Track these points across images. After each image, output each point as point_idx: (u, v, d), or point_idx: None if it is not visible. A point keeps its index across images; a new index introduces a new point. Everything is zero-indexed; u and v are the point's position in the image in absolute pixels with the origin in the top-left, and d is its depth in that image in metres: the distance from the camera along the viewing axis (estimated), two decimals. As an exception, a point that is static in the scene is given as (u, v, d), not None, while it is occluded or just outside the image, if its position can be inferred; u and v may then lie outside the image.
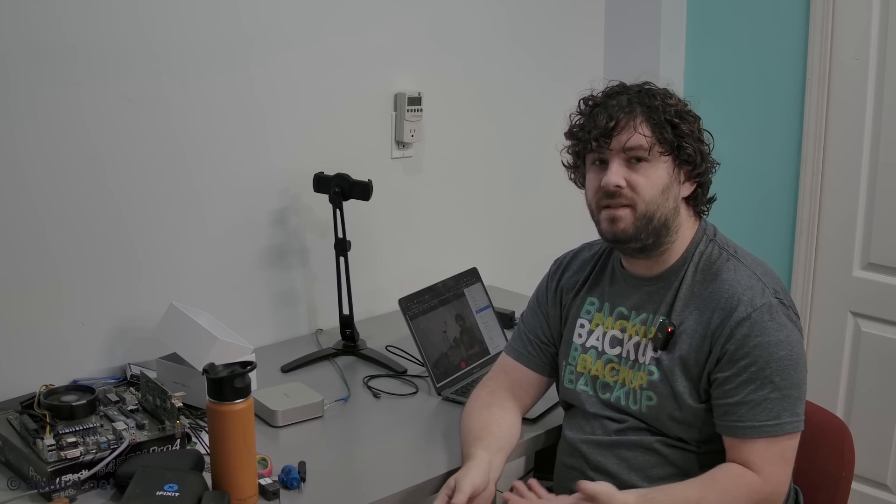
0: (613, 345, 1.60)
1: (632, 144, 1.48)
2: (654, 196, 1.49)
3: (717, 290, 1.48)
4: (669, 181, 1.50)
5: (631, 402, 1.55)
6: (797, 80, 2.56)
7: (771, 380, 1.41)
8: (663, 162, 1.49)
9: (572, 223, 2.94)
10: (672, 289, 1.53)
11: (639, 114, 1.49)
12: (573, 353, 1.65)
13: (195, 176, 2.04)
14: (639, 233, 1.50)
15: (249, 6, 2.06)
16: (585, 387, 1.62)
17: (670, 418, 1.50)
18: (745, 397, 1.42)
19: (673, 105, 1.50)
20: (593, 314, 1.64)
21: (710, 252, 1.54)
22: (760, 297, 1.45)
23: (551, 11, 2.72)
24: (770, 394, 1.41)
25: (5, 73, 1.73)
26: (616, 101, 1.51)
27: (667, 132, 1.48)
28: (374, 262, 2.37)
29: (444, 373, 1.91)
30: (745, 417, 1.42)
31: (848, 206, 2.52)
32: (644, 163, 1.48)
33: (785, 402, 1.42)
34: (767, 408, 1.41)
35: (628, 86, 1.55)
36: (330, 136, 2.26)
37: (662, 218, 1.50)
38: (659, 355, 1.51)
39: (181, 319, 1.80)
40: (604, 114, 1.50)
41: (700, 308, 1.49)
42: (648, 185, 1.48)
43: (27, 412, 1.55)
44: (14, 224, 1.80)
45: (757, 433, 1.42)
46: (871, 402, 2.51)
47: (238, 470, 1.40)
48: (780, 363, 1.42)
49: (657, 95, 1.51)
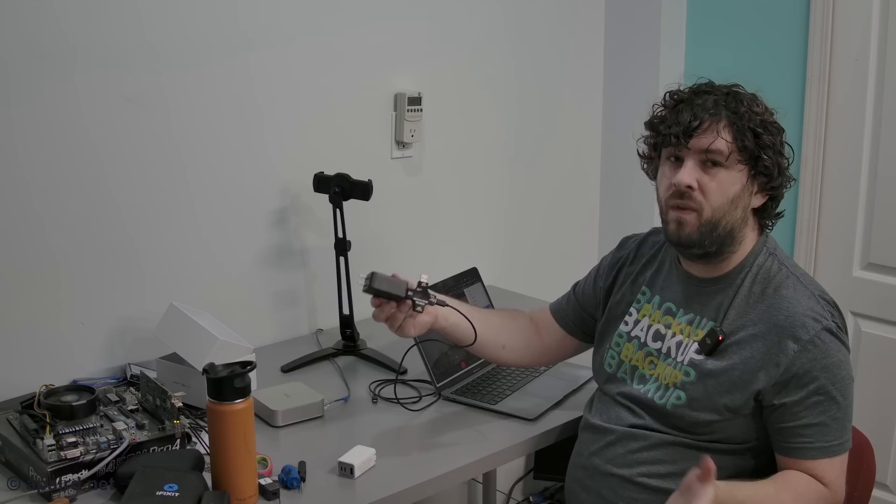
0: (656, 339, 1.60)
1: (711, 147, 1.46)
2: (722, 203, 1.47)
3: (776, 306, 1.47)
4: (741, 191, 1.48)
5: (658, 396, 1.55)
6: (797, 80, 2.55)
7: (836, 400, 1.43)
8: (738, 171, 1.47)
9: (572, 223, 2.96)
10: (726, 296, 1.52)
11: (723, 117, 1.46)
12: (617, 339, 1.66)
13: (195, 176, 2.04)
14: (703, 239, 1.49)
15: (249, 6, 2.06)
16: (624, 375, 1.63)
17: (693, 421, 1.50)
18: (814, 420, 1.44)
19: (759, 114, 1.47)
20: (643, 304, 1.65)
21: (769, 266, 1.52)
22: (823, 320, 1.44)
23: (551, 11, 2.72)
24: (836, 414, 1.44)
25: (5, 73, 1.73)
26: (702, 100, 1.49)
27: (748, 140, 1.45)
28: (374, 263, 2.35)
29: (444, 372, 1.91)
30: (815, 439, 1.44)
31: (848, 206, 2.52)
32: (719, 168, 1.47)
33: (846, 420, 1.46)
34: (835, 428, 1.44)
35: (716, 86, 1.52)
36: (330, 136, 2.26)
37: (728, 227, 1.49)
38: (702, 360, 1.51)
39: (181, 319, 1.80)
40: (688, 111, 1.48)
41: (756, 322, 1.48)
42: (719, 191, 1.47)
43: (27, 412, 1.55)
44: (14, 224, 1.80)
45: (827, 453, 1.44)
46: (871, 402, 2.51)
47: (238, 470, 1.40)
48: (843, 383, 1.44)
49: (744, 101, 1.48)
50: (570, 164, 2.88)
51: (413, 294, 1.57)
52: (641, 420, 1.56)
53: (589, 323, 1.77)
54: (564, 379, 1.93)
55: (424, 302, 1.58)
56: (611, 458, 1.57)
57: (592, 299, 1.77)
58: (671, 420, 1.52)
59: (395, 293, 1.57)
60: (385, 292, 1.56)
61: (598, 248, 2.98)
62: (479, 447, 1.67)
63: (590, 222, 3.00)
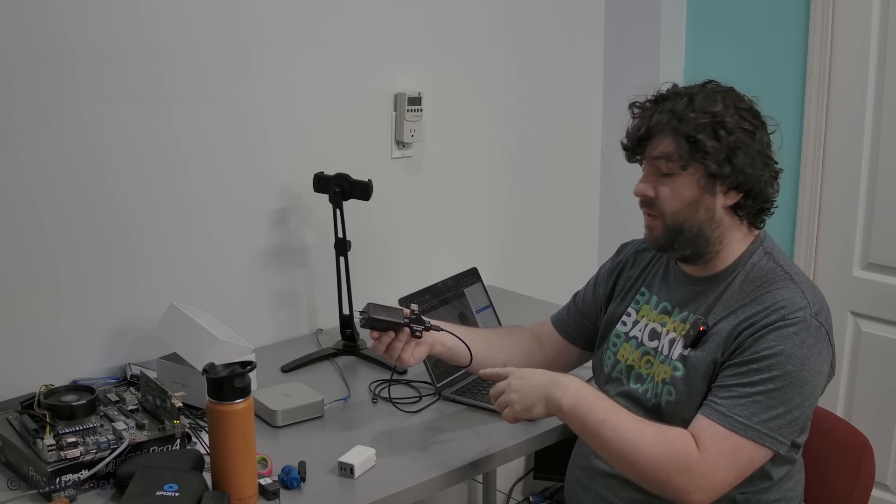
0: (652, 338, 1.60)
1: (656, 155, 1.48)
2: (678, 208, 1.48)
3: (762, 303, 1.45)
4: (699, 193, 1.47)
5: (652, 395, 1.55)
6: (797, 80, 2.56)
7: (766, 386, 1.39)
8: (691, 174, 1.47)
9: (572, 222, 2.96)
10: (717, 292, 1.52)
11: (665, 125, 1.47)
12: (615, 340, 1.66)
13: (195, 176, 2.04)
14: (671, 243, 1.51)
15: (250, 6, 2.06)
16: (620, 375, 1.64)
17: (685, 418, 1.49)
18: (733, 385, 1.40)
19: (705, 116, 1.45)
20: (641, 305, 1.65)
21: (763, 265, 1.51)
22: (798, 312, 1.42)
23: (551, 11, 2.72)
24: (758, 396, 1.38)
25: (5, 73, 1.73)
26: (653, 109, 1.50)
27: (684, 145, 1.45)
28: (374, 262, 2.37)
29: (444, 372, 1.91)
30: (720, 403, 1.40)
31: (848, 206, 2.52)
32: (671, 174, 1.48)
33: (767, 412, 1.38)
34: (753, 409, 1.38)
35: (677, 91, 1.52)
36: (330, 135, 2.26)
37: (694, 229, 1.49)
38: (688, 353, 1.51)
39: (181, 319, 1.80)
40: (639, 122, 1.51)
41: (737, 312, 1.47)
42: (672, 197, 1.48)
43: (27, 412, 1.55)
44: (14, 224, 1.80)
45: (720, 419, 1.39)
46: (871, 402, 2.51)
47: (238, 470, 1.40)
48: (793, 376, 1.38)
49: (696, 102, 1.47)
50: (570, 163, 2.88)
51: (410, 322, 1.61)
52: None
53: (591, 332, 1.78)
54: (564, 379, 1.93)
55: (421, 327, 1.62)
56: None
57: (593, 307, 1.77)
58: (666, 418, 1.52)
59: (395, 321, 1.60)
60: (384, 321, 1.59)
61: (598, 248, 2.98)
62: (479, 447, 1.67)
63: (590, 222, 3.00)
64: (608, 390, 1.65)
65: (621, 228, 1.95)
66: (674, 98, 1.50)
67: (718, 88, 1.51)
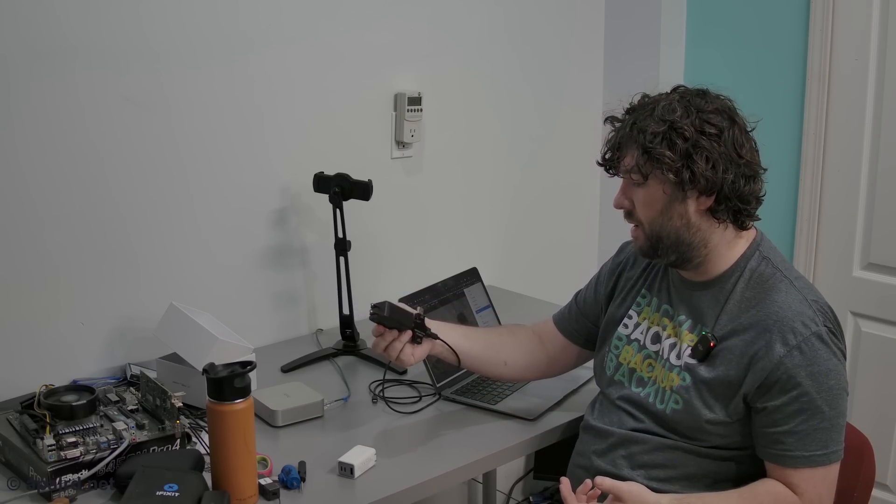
0: (654, 341, 1.60)
1: (622, 168, 1.51)
2: (652, 216, 1.50)
3: (766, 311, 1.46)
4: (669, 201, 1.47)
5: (658, 401, 1.55)
6: (797, 80, 2.56)
7: (821, 410, 1.41)
8: (657, 184, 1.47)
9: (572, 222, 2.96)
10: (718, 301, 1.52)
11: (626, 137, 1.50)
12: (616, 342, 1.66)
13: (195, 175, 2.04)
14: (654, 251, 1.53)
15: (249, 6, 2.06)
16: (622, 378, 1.63)
17: (690, 427, 1.50)
18: (795, 427, 1.42)
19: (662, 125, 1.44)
20: (643, 307, 1.65)
21: (762, 270, 1.51)
22: (812, 325, 1.43)
23: (551, 11, 2.72)
24: (820, 423, 1.41)
25: (5, 72, 1.73)
26: (623, 121, 1.52)
27: (641, 157, 1.46)
28: (374, 262, 2.37)
29: (444, 372, 1.91)
30: (794, 448, 1.42)
31: (848, 206, 2.52)
32: (640, 185, 1.49)
33: (832, 431, 1.42)
34: (817, 438, 1.42)
35: (644, 102, 1.52)
36: (330, 135, 2.26)
37: (672, 236, 1.49)
38: (695, 365, 1.51)
39: (181, 319, 1.80)
40: (610, 137, 1.54)
41: (746, 328, 1.47)
42: (645, 206, 1.50)
43: (27, 412, 1.55)
44: (14, 224, 1.80)
45: (807, 463, 1.42)
46: (871, 402, 2.51)
47: (238, 470, 1.40)
48: (830, 393, 1.41)
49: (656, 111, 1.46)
50: (570, 163, 2.88)
51: (415, 325, 1.62)
52: (642, 424, 1.57)
53: (592, 331, 1.77)
54: (564, 379, 1.93)
55: (423, 333, 1.64)
56: (611, 460, 1.57)
57: (594, 307, 1.77)
58: (671, 425, 1.53)
59: (404, 322, 1.61)
60: (394, 319, 1.60)
61: (598, 248, 2.98)
62: (479, 447, 1.68)
63: (590, 222, 3.00)
64: (610, 393, 1.65)
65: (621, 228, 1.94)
66: (640, 109, 1.51)
67: (686, 93, 1.49)
